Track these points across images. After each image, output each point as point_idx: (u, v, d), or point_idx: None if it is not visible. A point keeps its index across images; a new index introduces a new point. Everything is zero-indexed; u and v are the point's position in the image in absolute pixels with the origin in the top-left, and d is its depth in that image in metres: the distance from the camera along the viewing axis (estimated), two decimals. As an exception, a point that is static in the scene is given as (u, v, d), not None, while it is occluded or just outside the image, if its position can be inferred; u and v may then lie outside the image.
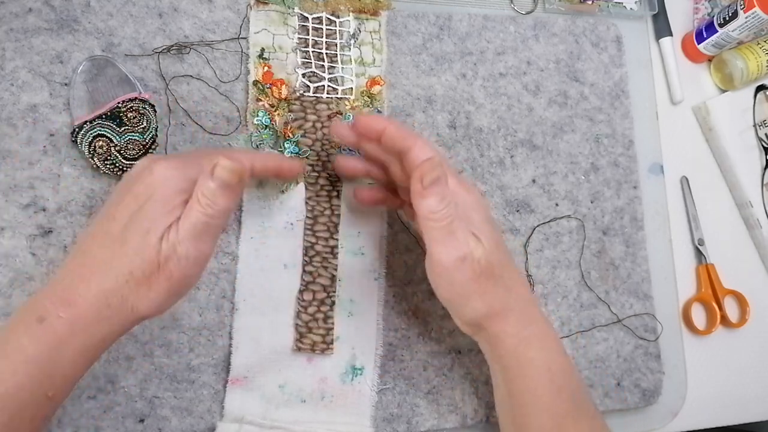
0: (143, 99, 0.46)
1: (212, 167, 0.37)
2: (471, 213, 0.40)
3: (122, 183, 0.38)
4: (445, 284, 0.40)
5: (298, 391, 0.46)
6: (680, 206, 0.61)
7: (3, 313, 0.43)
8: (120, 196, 0.37)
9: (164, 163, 0.37)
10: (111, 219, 0.36)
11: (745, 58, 0.62)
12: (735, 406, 0.59)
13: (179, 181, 0.37)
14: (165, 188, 0.37)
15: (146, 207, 0.36)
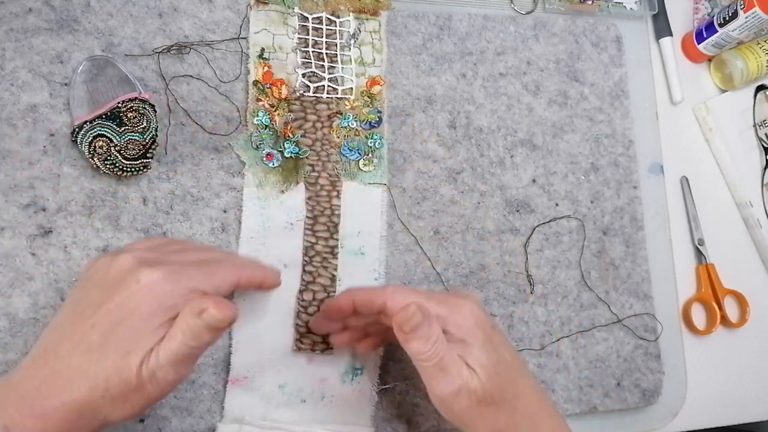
0: (143, 99, 0.46)
1: (200, 310, 0.35)
2: (466, 338, 0.39)
3: (101, 276, 0.36)
4: (446, 413, 0.40)
5: (298, 391, 0.46)
6: (680, 206, 0.61)
7: (3, 313, 0.43)
8: (100, 295, 0.35)
9: (152, 275, 0.35)
10: (89, 325, 0.34)
11: (745, 58, 0.62)
12: (735, 406, 0.59)
13: (166, 298, 0.35)
14: (150, 305, 0.34)
15: (129, 322, 0.34)
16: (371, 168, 0.51)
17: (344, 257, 0.49)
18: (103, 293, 0.35)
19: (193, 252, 0.39)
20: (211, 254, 0.40)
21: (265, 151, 0.49)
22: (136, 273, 0.35)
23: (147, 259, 0.36)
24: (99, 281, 0.36)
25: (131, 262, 0.35)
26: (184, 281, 0.36)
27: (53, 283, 0.44)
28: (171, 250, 0.39)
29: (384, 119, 0.52)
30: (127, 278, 0.35)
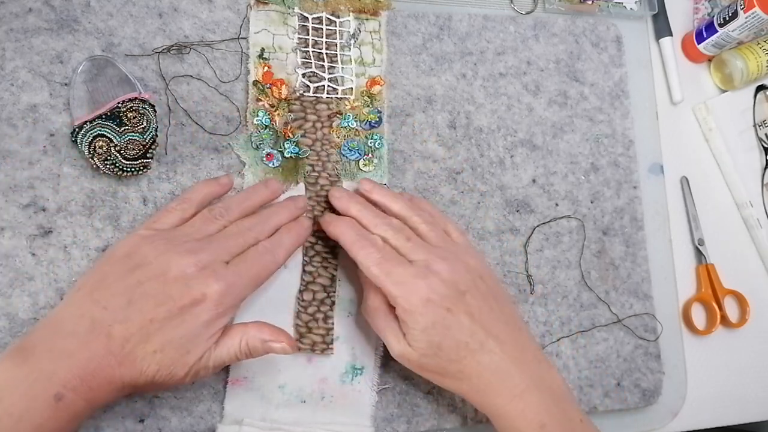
0: (143, 99, 0.46)
1: (271, 339, 0.40)
2: (406, 320, 0.41)
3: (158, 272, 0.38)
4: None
5: (298, 391, 0.46)
6: (680, 206, 0.61)
7: (3, 313, 0.43)
8: (159, 294, 0.37)
9: (215, 288, 0.38)
10: (148, 319, 0.37)
11: (745, 58, 0.62)
12: (735, 406, 0.59)
13: (226, 310, 0.39)
14: (212, 315, 0.38)
15: (190, 327, 0.38)
16: (371, 168, 0.51)
17: (344, 257, 0.49)
18: (164, 294, 0.37)
19: (234, 239, 0.41)
20: (249, 233, 0.42)
21: (265, 151, 0.49)
22: (199, 285, 0.38)
23: (206, 266, 0.39)
24: (157, 277, 0.38)
25: (193, 271, 0.38)
26: (240, 292, 0.40)
27: (53, 283, 0.44)
28: (220, 245, 0.41)
29: (384, 119, 0.52)
30: (191, 289, 0.38)
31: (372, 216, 0.45)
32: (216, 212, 0.43)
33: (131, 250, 0.39)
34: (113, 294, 0.37)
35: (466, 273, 0.43)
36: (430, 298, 0.41)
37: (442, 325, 0.41)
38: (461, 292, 0.42)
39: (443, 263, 0.42)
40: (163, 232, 0.41)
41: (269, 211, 0.45)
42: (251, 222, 0.43)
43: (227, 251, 0.40)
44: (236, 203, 0.44)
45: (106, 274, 0.39)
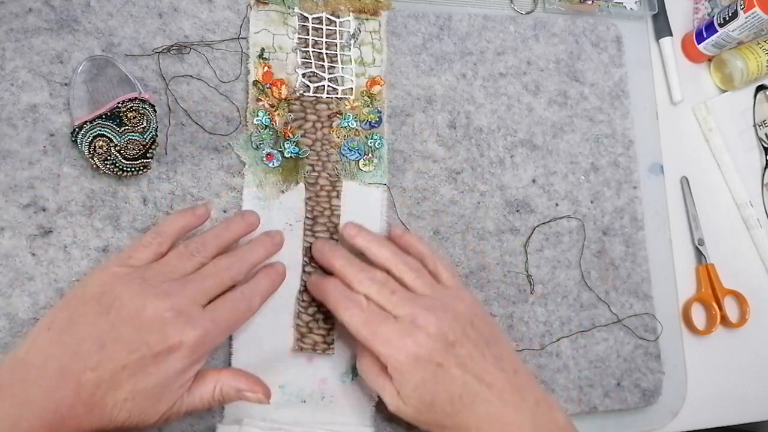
0: (143, 99, 0.46)
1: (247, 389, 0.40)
2: (398, 378, 0.41)
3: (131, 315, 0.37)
4: None
5: (298, 391, 0.46)
6: (680, 206, 0.61)
7: (3, 313, 0.43)
8: (133, 339, 0.36)
9: (192, 336, 0.37)
10: (119, 365, 0.35)
11: (745, 58, 0.62)
12: (735, 406, 0.59)
13: (202, 355, 0.38)
14: (186, 364, 0.37)
15: (165, 374, 0.37)
16: (371, 168, 0.51)
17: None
18: (138, 340, 0.36)
19: (211, 280, 0.40)
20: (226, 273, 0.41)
21: (265, 151, 0.49)
22: (176, 332, 0.37)
23: (183, 310, 0.38)
24: (131, 321, 0.37)
25: (170, 315, 0.37)
26: (215, 339, 0.39)
27: (53, 283, 0.44)
28: (197, 286, 0.40)
29: (384, 119, 0.52)
30: (167, 335, 0.37)
31: (355, 272, 0.44)
32: (192, 248, 0.41)
33: (104, 288, 0.38)
34: (84, 338, 0.36)
35: (455, 321, 0.41)
36: (418, 354, 0.40)
37: (432, 381, 0.40)
38: (450, 344, 0.40)
39: (429, 315, 0.41)
40: (138, 270, 0.39)
41: (246, 249, 0.44)
42: (228, 261, 0.42)
43: (204, 294, 0.39)
44: (213, 238, 0.43)
45: (76, 314, 0.37)
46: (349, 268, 0.44)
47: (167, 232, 0.42)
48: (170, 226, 0.42)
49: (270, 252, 0.45)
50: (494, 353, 0.42)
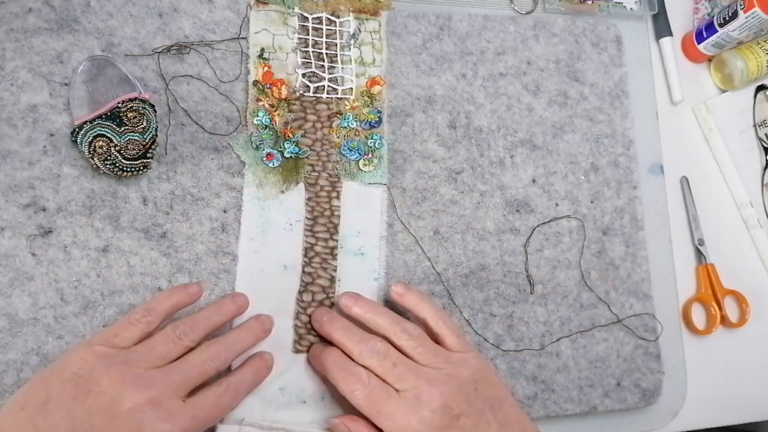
0: (143, 99, 0.46)
1: None
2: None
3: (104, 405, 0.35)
4: None
5: (298, 392, 0.46)
6: (680, 206, 0.61)
7: (3, 313, 0.43)
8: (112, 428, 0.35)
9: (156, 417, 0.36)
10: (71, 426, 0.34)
11: (745, 58, 0.62)
12: (735, 406, 0.59)
13: None
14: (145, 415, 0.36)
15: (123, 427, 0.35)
16: (371, 168, 0.51)
17: (344, 258, 0.49)
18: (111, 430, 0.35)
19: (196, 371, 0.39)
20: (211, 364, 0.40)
21: (265, 151, 0.49)
22: (151, 427, 0.35)
23: (162, 403, 0.36)
24: (107, 410, 0.35)
25: (146, 409, 0.36)
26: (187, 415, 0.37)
27: (53, 283, 0.44)
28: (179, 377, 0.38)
29: (384, 119, 0.52)
30: (130, 420, 0.35)
31: (355, 342, 0.43)
32: (180, 332, 0.40)
33: (83, 370, 0.36)
34: (57, 423, 0.35)
35: (459, 393, 0.41)
36: (422, 425, 0.40)
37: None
38: (455, 417, 0.40)
39: (433, 389, 0.41)
40: (121, 353, 0.38)
41: (235, 337, 0.43)
42: (215, 350, 0.41)
43: (186, 385, 0.38)
44: (202, 321, 0.42)
45: (52, 395, 0.36)
46: (348, 339, 0.43)
47: (157, 310, 0.41)
48: (161, 304, 0.41)
49: (259, 338, 0.45)
50: (499, 418, 0.42)
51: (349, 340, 0.43)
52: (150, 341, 0.39)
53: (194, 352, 0.40)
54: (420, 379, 0.41)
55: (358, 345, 0.43)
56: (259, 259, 0.47)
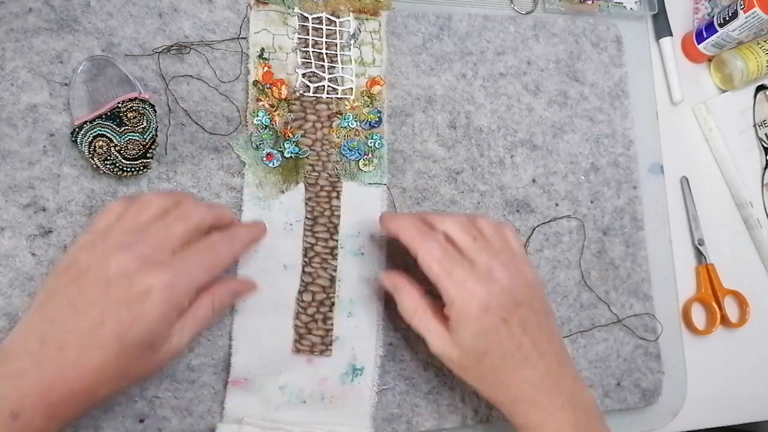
0: (143, 99, 0.46)
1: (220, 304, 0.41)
2: (459, 322, 0.41)
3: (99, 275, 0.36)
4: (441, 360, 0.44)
5: (298, 392, 0.46)
6: (680, 206, 0.61)
7: (3, 313, 0.43)
8: (104, 297, 0.35)
9: (160, 283, 0.36)
10: (97, 322, 0.35)
11: (745, 58, 0.62)
12: (735, 406, 0.59)
13: (178, 300, 0.37)
14: (164, 311, 0.36)
15: (145, 323, 0.36)
16: (371, 168, 0.51)
17: (344, 258, 0.49)
18: (107, 296, 0.36)
19: (178, 225, 0.39)
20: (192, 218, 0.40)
21: (265, 151, 0.49)
22: (143, 281, 0.36)
23: (148, 259, 0.36)
24: (98, 281, 0.36)
25: (133, 265, 0.36)
26: (192, 282, 0.38)
27: (53, 283, 0.44)
28: (159, 233, 0.38)
29: (384, 119, 0.52)
30: (133, 284, 0.35)
31: (436, 214, 0.44)
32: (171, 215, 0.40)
33: (70, 260, 0.38)
34: (59, 308, 0.36)
35: (525, 286, 0.42)
36: (489, 304, 0.40)
37: (493, 333, 0.41)
38: (518, 304, 0.41)
39: (505, 271, 0.42)
40: (100, 233, 0.39)
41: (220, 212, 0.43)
42: (199, 208, 0.41)
43: (170, 239, 0.38)
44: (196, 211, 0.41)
45: (51, 289, 0.37)
46: (429, 213, 0.45)
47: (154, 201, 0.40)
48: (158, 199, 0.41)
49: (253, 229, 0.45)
50: (549, 326, 0.44)
51: (430, 213, 0.45)
52: (124, 214, 0.40)
53: (173, 213, 0.40)
54: (496, 260, 0.42)
55: (440, 215, 0.44)
56: (259, 259, 0.47)
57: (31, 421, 0.34)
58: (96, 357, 0.35)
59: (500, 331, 0.41)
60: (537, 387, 0.42)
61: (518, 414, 0.42)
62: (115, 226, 0.39)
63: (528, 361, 0.41)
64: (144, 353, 0.36)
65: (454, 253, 0.42)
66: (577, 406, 0.42)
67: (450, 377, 0.50)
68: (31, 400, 0.34)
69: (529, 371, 0.41)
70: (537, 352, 0.42)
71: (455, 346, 0.41)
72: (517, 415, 0.42)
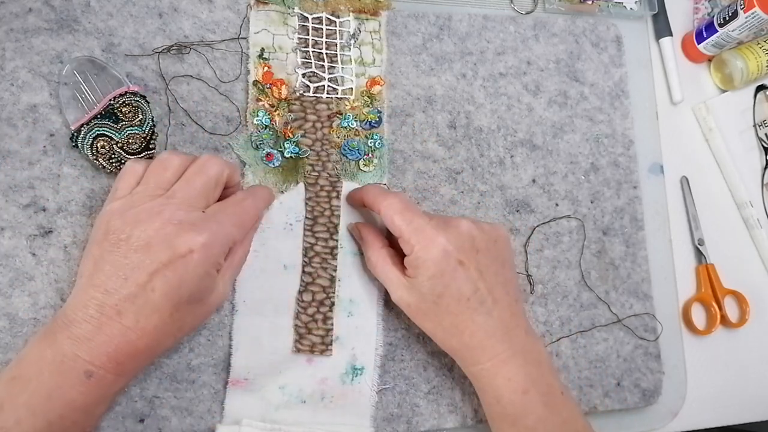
0: (133, 92, 0.46)
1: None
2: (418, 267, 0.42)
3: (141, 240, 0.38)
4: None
5: (298, 392, 0.46)
6: (680, 206, 0.61)
7: (3, 313, 0.43)
8: (147, 261, 0.37)
9: (205, 240, 0.38)
10: (149, 289, 0.37)
11: (745, 58, 0.62)
12: (735, 406, 0.59)
13: (216, 258, 0.40)
14: (208, 265, 0.39)
15: (191, 281, 0.38)
16: (371, 168, 0.51)
17: (344, 258, 0.49)
18: (150, 261, 0.37)
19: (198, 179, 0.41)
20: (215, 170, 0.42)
21: (265, 151, 0.49)
22: (183, 244, 0.37)
23: (183, 222, 0.38)
24: (138, 247, 0.38)
25: (170, 230, 0.38)
26: (227, 238, 0.40)
27: (53, 283, 0.44)
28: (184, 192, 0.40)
29: (384, 119, 0.52)
30: (176, 250, 0.37)
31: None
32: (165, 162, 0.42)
33: (106, 228, 0.39)
34: (108, 276, 0.37)
35: (484, 234, 0.44)
36: (446, 248, 0.42)
37: (450, 275, 0.42)
38: (476, 249, 0.43)
39: (462, 220, 0.44)
40: (126, 199, 0.40)
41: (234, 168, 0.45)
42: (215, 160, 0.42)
43: (196, 195, 0.40)
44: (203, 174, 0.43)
45: (95, 257, 0.39)
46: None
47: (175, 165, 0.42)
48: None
49: (268, 189, 0.48)
50: (506, 276, 0.45)
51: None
52: (143, 179, 0.41)
53: (189, 169, 0.42)
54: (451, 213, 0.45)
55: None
56: (259, 259, 0.47)
57: (103, 378, 0.37)
58: (153, 318, 0.37)
59: (457, 274, 0.42)
60: (490, 334, 0.43)
61: (471, 362, 0.44)
62: (139, 191, 0.40)
63: (483, 306, 0.43)
64: (194, 308, 0.40)
65: (414, 204, 0.45)
66: (528, 358, 0.43)
67: (450, 377, 0.50)
68: (101, 360, 0.36)
69: (483, 317, 0.43)
70: (492, 299, 0.43)
71: (413, 291, 0.43)
72: (469, 363, 0.44)
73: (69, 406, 0.36)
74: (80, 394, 0.36)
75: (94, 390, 0.36)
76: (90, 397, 0.36)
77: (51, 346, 0.37)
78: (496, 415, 0.44)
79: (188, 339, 0.45)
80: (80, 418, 0.37)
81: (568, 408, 0.43)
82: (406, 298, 0.44)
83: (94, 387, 0.36)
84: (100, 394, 0.37)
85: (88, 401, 0.36)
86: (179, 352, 0.45)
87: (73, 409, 0.36)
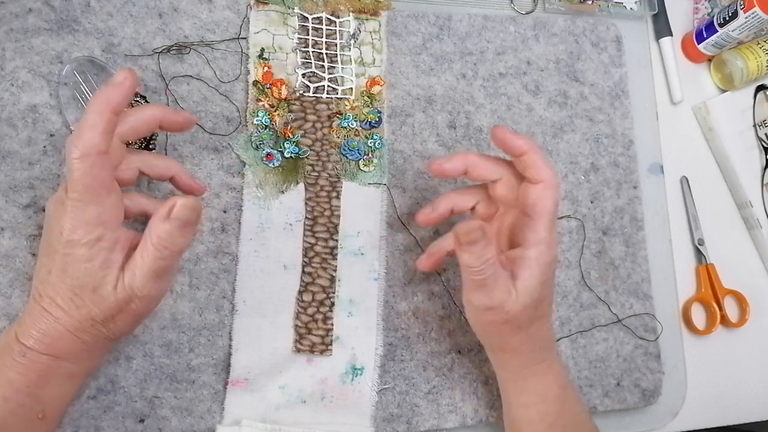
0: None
1: (168, 208, 0.36)
2: (529, 269, 0.42)
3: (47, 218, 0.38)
4: (472, 317, 0.44)
5: (298, 392, 0.46)
6: (680, 206, 0.61)
7: (3, 313, 0.43)
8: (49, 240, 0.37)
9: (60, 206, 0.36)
10: (48, 271, 0.37)
11: (745, 58, 0.62)
12: (735, 406, 0.59)
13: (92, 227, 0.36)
14: (78, 240, 0.36)
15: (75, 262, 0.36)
16: (371, 168, 0.51)
17: (344, 258, 0.49)
18: (53, 239, 0.37)
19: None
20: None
21: (265, 151, 0.49)
22: (54, 209, 0.37)
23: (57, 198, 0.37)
24: (52, 231, 0.37)
25: (49, 201, 0.38)
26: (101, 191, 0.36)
27: (53, 283, 0.44)
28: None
29: (384, 119, 0.52)
30: (49, 219, 0.37)
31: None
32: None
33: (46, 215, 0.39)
34: (41, 263, 0.38)
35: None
36: (555, 257, 0.43)
37: (549, 282, 0.43)
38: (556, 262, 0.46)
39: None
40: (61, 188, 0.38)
41: None
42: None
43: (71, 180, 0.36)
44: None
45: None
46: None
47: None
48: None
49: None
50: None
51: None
52: None
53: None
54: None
55: None
56: (259, 259, 0.47)
57: (37, 358, 0.37)
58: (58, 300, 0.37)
59: (551, 282, 0.44)
60: (548, 337, 0.45)
61: (532, 361, 0.44)
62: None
63: (549, 312, 0.45)
64: (90, 295, 0.37)
65: None
66: (559, 358, 0.46)
67: (450, 377, 0.50)
68: (29, 342, 0.37)
69: (546, 322, 0.45)
70: (551, 307, 0.45)
71: (516, 300, 0.41)
72: (533, 361, 0.44)
73: (11, 386, 0.36)
74: (18, 374, 0.36)
75: (31, 370, 0.36)
76: (29, 378, 0.36)
77: (6, 332, 0.38)
78: (538, 415, 0.44)
79: (188, 339, 0.45)
80: (26, 401, 0.37)
81: (581, 402, 0.48)
82: (512, 303, 0.41)
83: (30, 367, 0.36)
84: (39, 375, 0.37)
85: (28, 382, 0.36)
86: (179, 352, 0.45)
87: (15, 390, 0.36)
